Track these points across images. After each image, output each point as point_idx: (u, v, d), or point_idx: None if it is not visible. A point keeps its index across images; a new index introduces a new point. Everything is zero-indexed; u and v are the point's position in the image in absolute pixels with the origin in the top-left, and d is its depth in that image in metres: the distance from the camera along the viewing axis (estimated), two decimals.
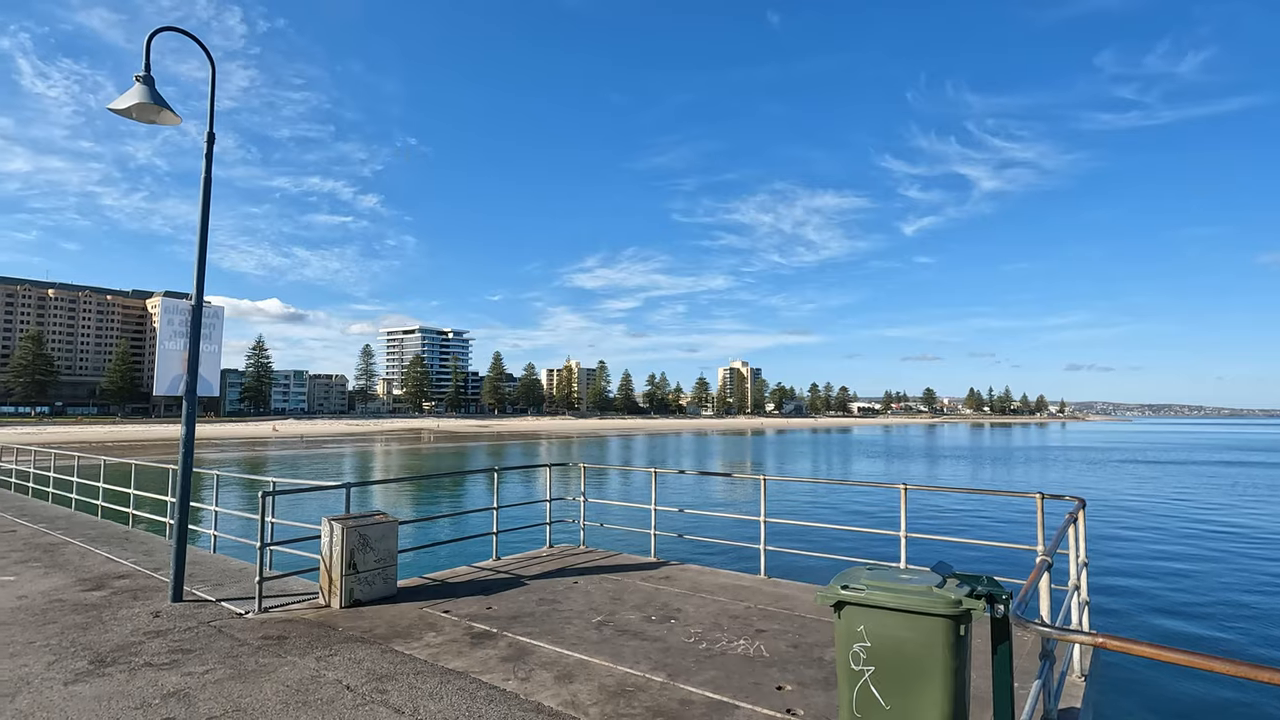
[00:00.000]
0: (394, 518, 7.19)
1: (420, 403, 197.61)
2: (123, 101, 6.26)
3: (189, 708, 4.37)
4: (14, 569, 8.27)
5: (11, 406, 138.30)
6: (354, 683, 4.76)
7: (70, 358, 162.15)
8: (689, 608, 6.62)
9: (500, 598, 6.99)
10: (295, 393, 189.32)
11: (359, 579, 6.74)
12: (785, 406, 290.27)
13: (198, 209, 6.82)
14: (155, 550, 9.49)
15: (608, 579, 7.76)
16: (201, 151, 6.86)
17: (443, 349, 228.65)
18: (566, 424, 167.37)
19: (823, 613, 6.40)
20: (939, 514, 23.94)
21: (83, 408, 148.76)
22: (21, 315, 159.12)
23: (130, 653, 5.37)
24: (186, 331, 6.87)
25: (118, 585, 7.50)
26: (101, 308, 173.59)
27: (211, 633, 5.86)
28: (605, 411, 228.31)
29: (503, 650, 5.45)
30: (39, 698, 4.53)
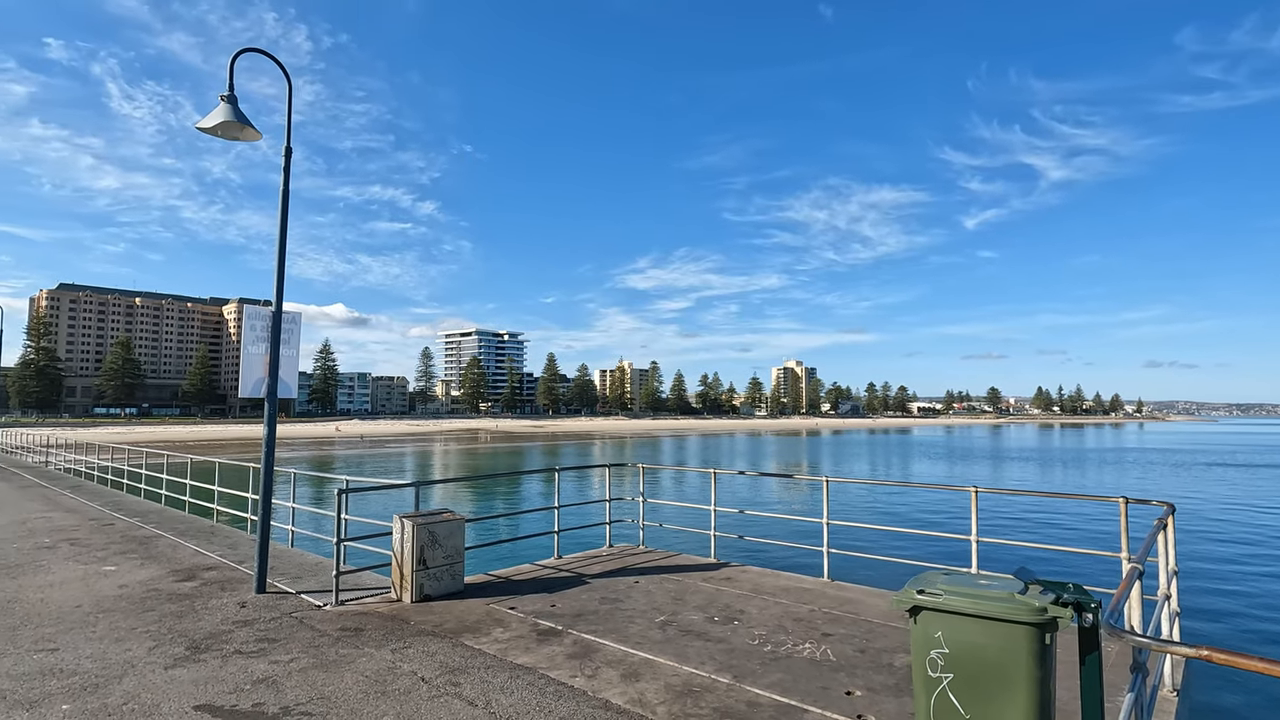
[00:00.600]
0: (461, 515, 7.39)
1: (477, 403, 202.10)
2: (209, 120, 6.64)
3: (277, 694, 4.60)
4: (114, 560, 8.87)
5: (104, 408, 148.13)
6: (428, 675, 4.92)
7: (155, 362, 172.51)
8: (752, 609, 6.58)
9: (563, 596, 7.10)
10: (359, 394, 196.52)
11: (429, 575, 6.95)
12: (841, 407, 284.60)
13: (276, 220, 7.17)
14: (238, 544, 10.01)
15: (668, 579, 7.78)
16: (278, 165, 7.21)
17: (498, 351, 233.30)
18: (620, 424, 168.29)
19: (890, 617, 6.26)
20: (1010, 518, 23.06)
21: (166, 409, 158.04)
22: (112, 323, 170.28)
23: (221, 640, 5.69)
24: (268, 336, 7.23)
25: (206, 576, 7.95)
26: (182, 315, 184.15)
27: (294, 623, 6.15)
28: (658, 412, 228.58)
29: (568, 647, 5.54)
30: (143, 680, 4.85)
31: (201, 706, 4.40)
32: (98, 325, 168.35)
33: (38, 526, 11.49)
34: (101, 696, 4.57)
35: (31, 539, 10.33)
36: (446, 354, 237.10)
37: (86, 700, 4.51)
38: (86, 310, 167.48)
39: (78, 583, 7.66)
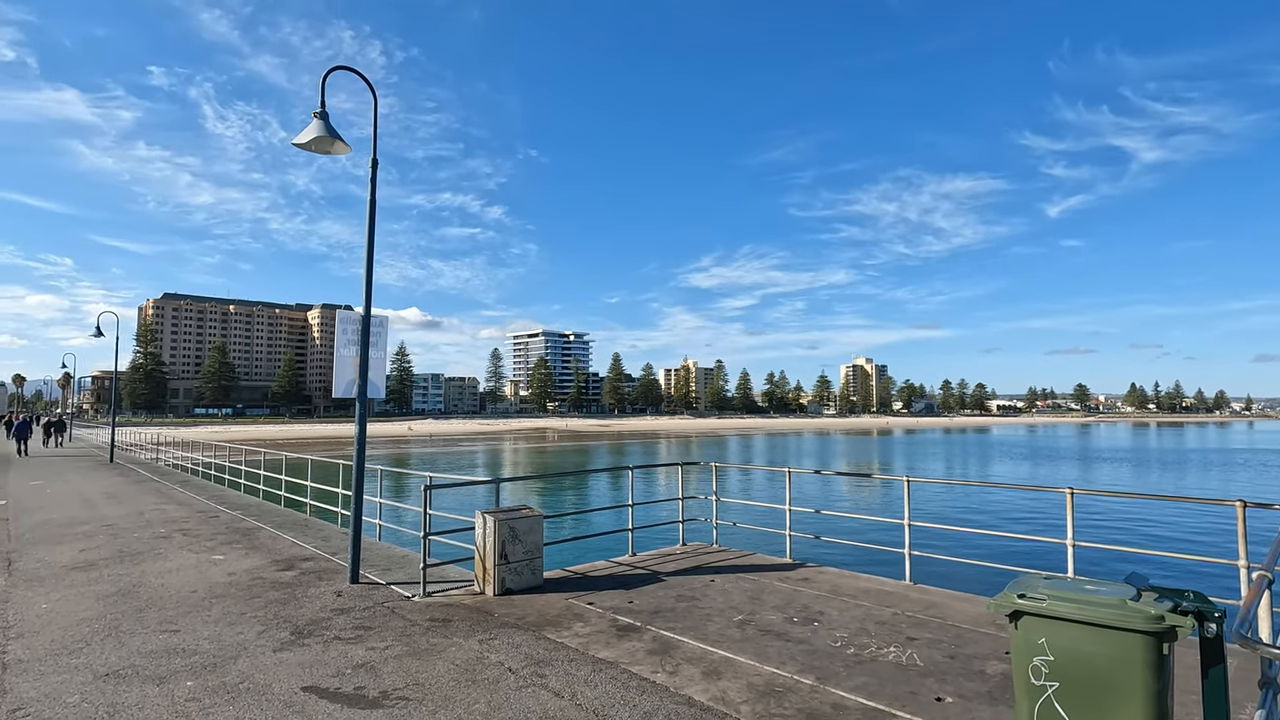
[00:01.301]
0: (539, 512, 7.57)
1: (545, 403, 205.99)
2: (304, 136, 7.04)
3: (375, 678, 4.85)
4: (222, 549, 9.52)
5: (203, 408, 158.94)
6: (515, 665, 5.07)
7: (247, 365, 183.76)
8: (831, 611, 6.47)
9: (640, 592, 7.17)
10: (434, 394, 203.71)
11: (510, 569, 7.16)
12: (914, 405, 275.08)
13: (364, 229, 7.53)
14: (330, 536, 10.56)
15: (744, 578, 7.74)
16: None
17: (565, 351, 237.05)
18: (685, 423, 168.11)
19: (980, 623, 6.04)
20: (1106, 522, 21.76)
21: (257, 409, 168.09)
22: (209, 329, 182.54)
23: (322, 627, 6.03)
24: (358, 340, 7.60)
25: (304, 566, 8.44)
26: (271, 320, 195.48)
27: (386, 613, 6.46)
28: (723, 411, 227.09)
29: (648, 643, 5.60)
30: (255, 662, 5.20)
31: (308, 688, 4.68)
32: (197, 331, 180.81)
33: (154, 518, 12.46)
34: (220, 675, 4.93)
35: (149, 529, 11.22)
36: (514, 355, 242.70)
37: (207, 678, 4.87)
38: (187, 318, 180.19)
39: (191, 570, 8.27)
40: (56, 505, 14.19)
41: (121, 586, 7.48)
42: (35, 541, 10.19)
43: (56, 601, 6.91)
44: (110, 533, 10.86)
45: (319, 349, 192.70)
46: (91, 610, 6.59)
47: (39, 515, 12.81)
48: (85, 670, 5.04)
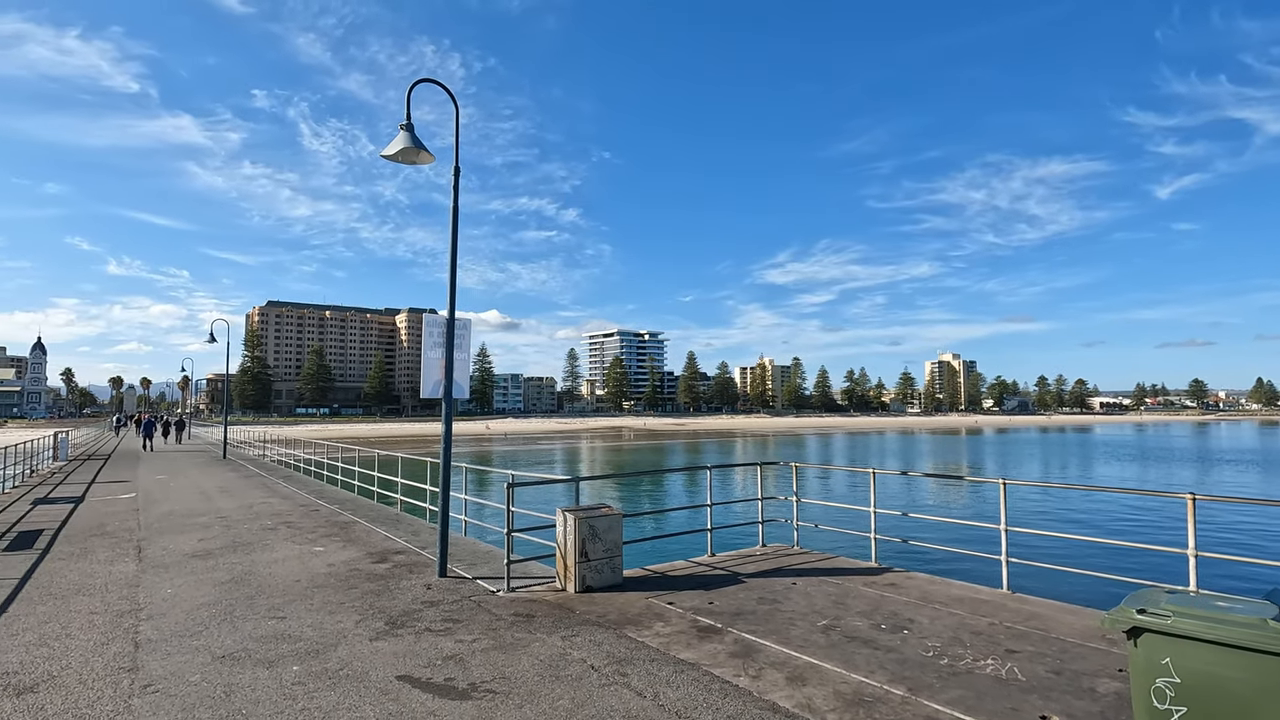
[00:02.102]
0: (618, 511, 7.62)
1: (620, 402, 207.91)
2: (391, 148, 7.36)
3: (464, 670, 5.00)
4: (322, 542, 10.10)
5: (303, 408, 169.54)
6: (597, 663, 5.12)
7: (342, 367, 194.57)
8: (922, 619, 6.19)
9: (720, 593, 7.09)
10: (513, 394, 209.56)
11: (590, 567, 7.24)
12: (1006, 403, 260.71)
13: (447, 235, 7.79)
14: (420, 531, 11.01)
15: (827, 582, 7.53)
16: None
17: (639, 350, 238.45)
18: (762, 422, 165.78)
19: (1088, 637, 5.63)
20: (1232, 530, 19.92)
21: (351, 409, 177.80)
22: (308, 334, 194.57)
23: (414, 618, 6.29)
24: (444, 342, 7.88)
25: (396, 560, 8.83)
26: (362, 325, 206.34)
27: (473, 607, 6.66)
28: (801, 409, 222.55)
29: (730, 646, 5.52)
30: (353, 649, 5.47)
31: (402, 677, 4.88)
32: (297, 336, 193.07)
33: (261, 511, 13.37)
34: (321, 661, 5.21)
35: (257, 521, 12.03)
36: (590, 354, 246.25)
37: (310, 664, 5.16)
38: (288, 323, 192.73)
39: (295, 560, 8.81)
40: (178, 498, 15.45)
41: (234, 574, 8.06)
42: (161, 531, 11.12)
43: (179, 587, 7.51)
44: (224, 524, 11.73)
45: (406, 351, 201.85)
46: (209, 596, 7.12)
47: (164, 506, 13.98)
48: (204, 652, 5.44)
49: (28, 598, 7.12)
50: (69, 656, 5.36)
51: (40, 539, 10.50)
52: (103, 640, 5.75)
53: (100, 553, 9.41)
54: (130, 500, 15.11)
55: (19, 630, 6.04)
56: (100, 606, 6.77)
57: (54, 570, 8.36)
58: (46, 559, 9.02)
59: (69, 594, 7.26)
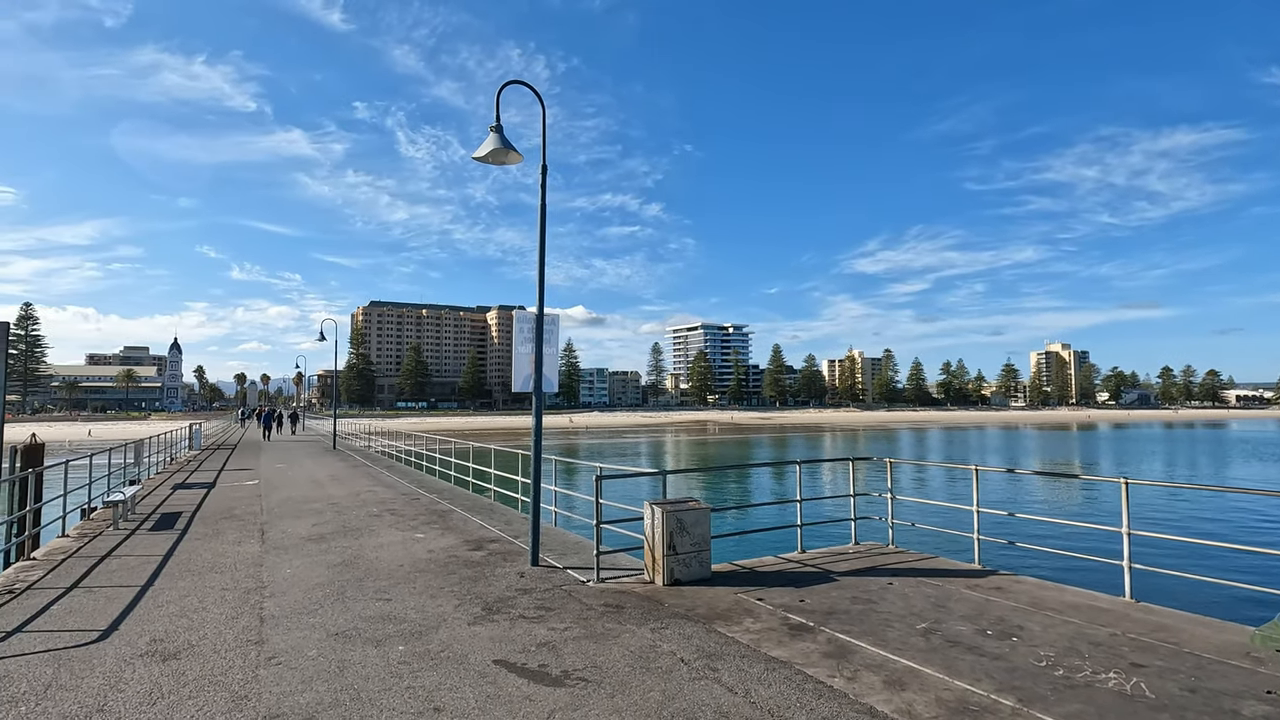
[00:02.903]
0: (706, 505, 7.58)
1: (704, 396, 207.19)
2: (482, 150, 7.60)
3: (557, 657, 5.12)
4: (422, 529, 10.62)
5: (403, 402, 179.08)
6: (687, 656, 5.11)
7: (437, 363, 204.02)
8: (1032, 626, 5.81)
9: (811, 591, 6.93)
10: (599, 388, 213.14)
11: (678, 560, 7.24)
12: (1125, 396, 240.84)
13: (535, 233, 7.96)
14: (512, 521, 11.38)
15: (926, 583, 7.20)
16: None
17: (724, 344, 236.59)
18: (851, 416, 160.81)
19: (1228, 653, 5.11)
20: None
21: (446, 403, 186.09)
22: (406, 332, 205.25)
23: (509, 605, 6.50)
24: (533, 337, 8.08)
25: (491, 548, 9.16)
26: (456, 322, 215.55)
27: (564, 596, 6.81)
28: (893, 403, 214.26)
29: (822, 645, 5.38)
30: (453, 633, 5.71)
31: (499, 661, 5.05)
32: (397, 334, 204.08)
33: (368, 499, 14.21)
34: (424, 643, 5.47)
35: (364, 508, 12.80)
36: (674, 348, 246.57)
37: (414, 645, 5.43)
38: (389, 322, 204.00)
39: (398, 546, 9.30)
40: (294, 485, 16.66)
41: (345, 557, 8.60)
42: (281, 515, 12.03)
43: (297, 568, 8.10)
44: (335, 510, 12.55)
45: (497, 347, 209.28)
46: (323, 577, 7.64)
47: (283, 493, 15.12)
48: (320, 629, 5.84)
49: (170, 573, 7.88)
50: (205, 628, 5.89)
51: (180, 520, 11.59)
52: (233, 614, 6.28)
53: (229, 534, 10.28)
54: (254, 487, 16.43)
55: (164, 602, 6.69)
56: (230, 583, 7.40)
57: (191, 549, 9.21)
58: (185, 539, 9.94)
59: (204, 571, 7.97)
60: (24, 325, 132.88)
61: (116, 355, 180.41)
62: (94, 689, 4.62)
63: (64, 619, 6.21)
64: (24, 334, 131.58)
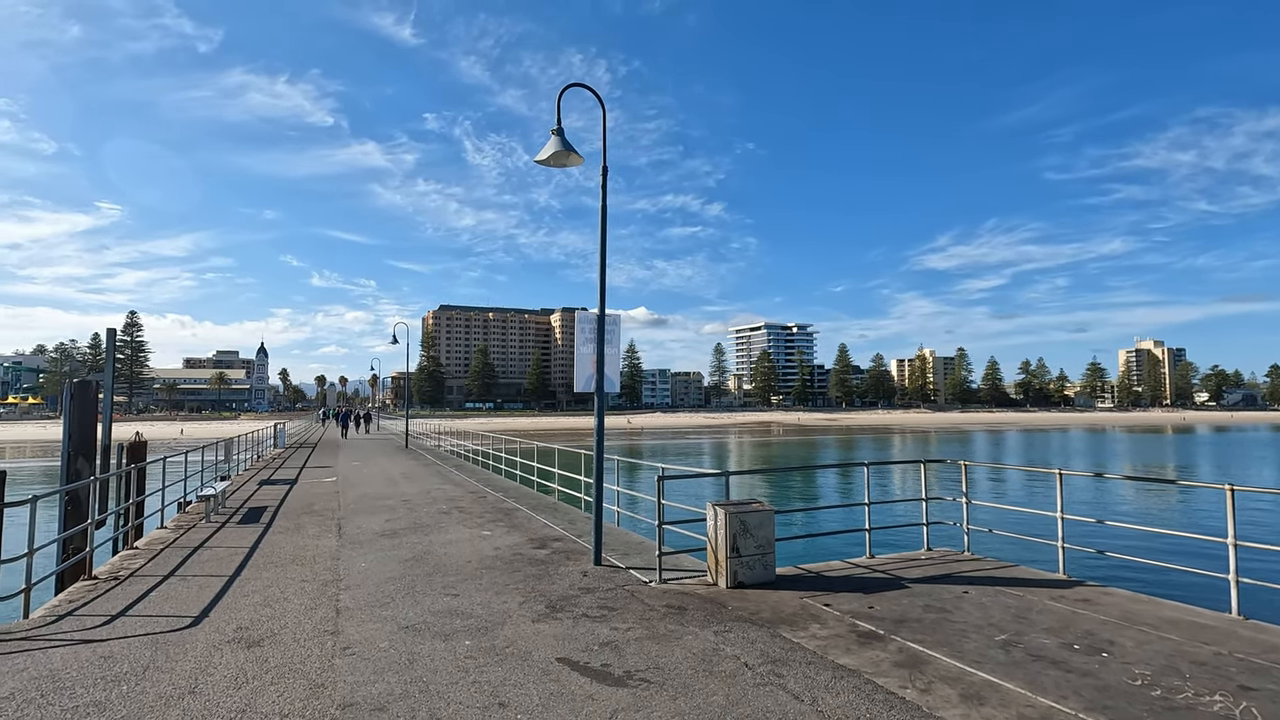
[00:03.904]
0: (770, 506, 7.44)
1: (768, 396, 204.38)
2: (544, 153, 7.70)
3: (619, 657, 5.11)
4: (489, 526, 10.85)
5: (471, 403, 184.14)
6: (751, 661, 5.01)
7: (503, 365, 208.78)
8: (1125, 642, 5.43)
9: (880, 598, 6.69)
10: (661, 389, 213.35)
11: (742, 563, 7.13)
12: (1228, 396, 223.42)
13: (597, 236, 8.01)
14: (575, 520, 11.48)
15: (1005, 593, 6.84)
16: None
17: (787, 343, 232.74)
18: (922, 417, 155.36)
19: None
20: None
21: (512, 404, 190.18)
22: (473, 334, 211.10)
23: (572, 603, 6.54)
24: (595, 338, 8.12)
25: (555, 546, 9.27)
26: (521, 325, 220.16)
27: (626, 596, 6.81)
28: (967, 404, 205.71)
29: (893, 654, 5.18)
30: (517, 629, 5.79)
31: (562, 659, 5.08)
32: (464, 337, 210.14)
33: (438, 496, 14.64)
34: (490, 638, 5.57)
35: (434, 505, 13.19)
36: (737, 349, 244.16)
37: (480, 639, 5.54)
38: (457, 325, 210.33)
39: (466, 542, 9.53)
40: (369, 482, 17.35)
41: (415, 553, 8.87)
42: (356, 511, 12.53)
43: (371, 562, 8.40)
44: (407, 507, 12.98)
45: (560, 349, 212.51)
46: (394, 571, 7.90)
47: (359, 490, 15.76)
48: (391, 622, 6.03)
49: (255, 564, 8.31)
50: (285, 617, 6.17)
51: (264, 514, 12.24)
52: (311, 605, 6.56)
53: (309, 528, 10.77)
54: (332, 484, 17.20)
55: (249, 591, 7.06)
56: (309, 575, 7.74)
57: (274, 542, 9.70)
58: (269, 532, 10.49)
59: (286, 563, 8.38)
60: (129, 332, 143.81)
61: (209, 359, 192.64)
62: (186, 672, 4.91)
63: (161, 605, 6.64)
64: (129, 340, 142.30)
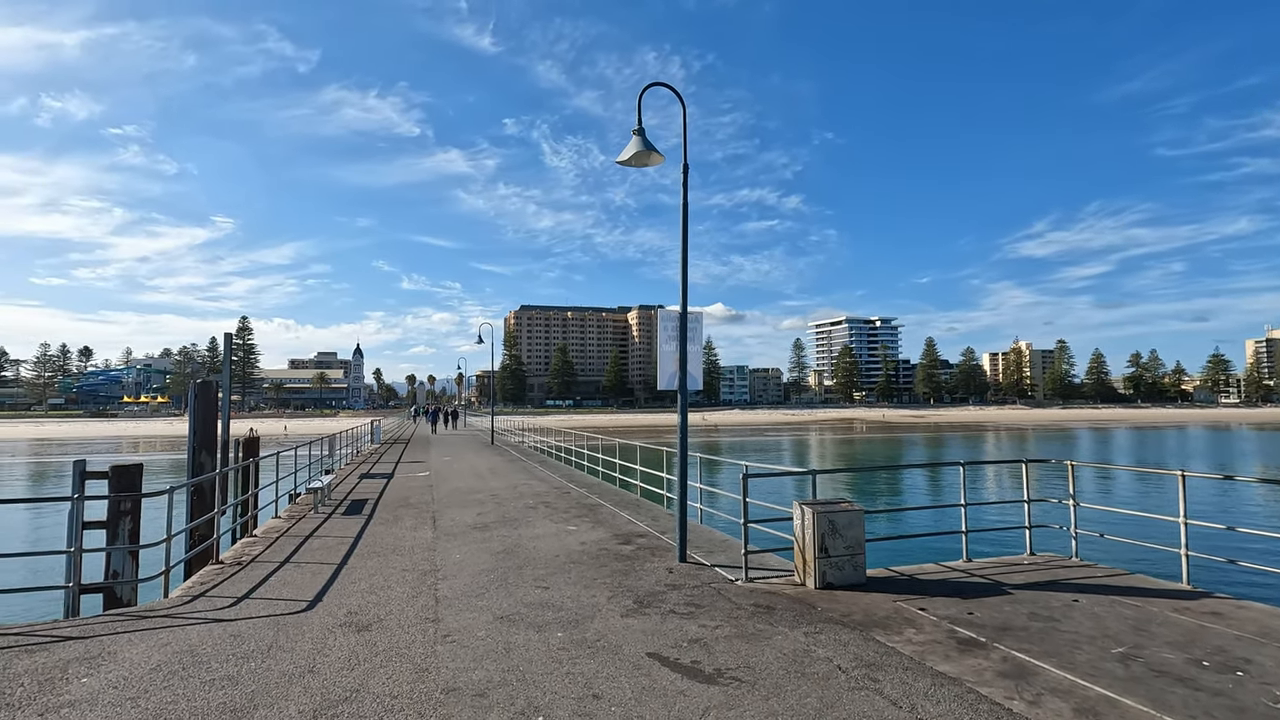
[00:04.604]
0: (859, 506, 7.24)
1: (850, 393, 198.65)
2: (626, 153, 7.78)
3: (709, 654, 5.12)
4: (573, 522, 11.08)
5: (551, 400, 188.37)
6: (844, 664, 4.91)
7: (582, 362, 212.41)
8: (1264, 660, 4.96)
9: (980, 604, 6.39)
10: (739, 385, 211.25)
11: (830, 563, 6.98)
12: None
13: (677, 233, 8.03)
14: (658, 516, 11.56)
15: (1120, 603, 6.39)
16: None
17: (870, 338, 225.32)
18: (1017, 414, 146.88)
19: None
20: None
21: (591, 401, 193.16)
22: (553, 333, 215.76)
23: (659, 599, 6.60)
24: (676, 335, 8.15)
25: (639, 542, 9.36)
26: (599, 323, 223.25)
27: (713, 594, 6.81)
28: (1069, 399, 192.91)
29: (997, 663, 4.94)
30: (606, 623, 5.90)
31: (652, 654, 5.14)
32: (544, 336, 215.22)
33: (524, 491, 15.08)
34: (580, 631, 5.70)
35: (521, 500, 13.59)
36: (817, 344, 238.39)
37: (571, 632, 5.68)
38: (537, 324, 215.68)
39: (552, 537, 9.77)
40: (459, 477, 18.06)
41: (506, 546, 9.18)
42: (449, 505, 13.08)
43: (465, 554, 8.76)
44: (495, 501, 13.44)
45: (637, 346, 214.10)
46: (487, 563, 8.20)
47: (450, 484, 16.44)
48: (486, 611, 6.27)
49: (360, 553, 8.83)
50: (390, 605, 6.53)
51: (365, 506, 12.97)
52: (413, 593, 6.91)
53: (407, 520, 11.34)
54: (425, 478, 18.02)
55: (356, 579, 7.51)
56: (409, 565, 8.16)
57: (376, 533, 10.27)
58: (370, 523, 11.11)
59: (387, 553, 8.85)
60: (242, 336, 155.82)
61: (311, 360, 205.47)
62: (305, 652, 5.28)
63: (280, 589, 7.17)
64: (242, 343, 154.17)
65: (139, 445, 66.69)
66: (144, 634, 5.75)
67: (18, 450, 59.86)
